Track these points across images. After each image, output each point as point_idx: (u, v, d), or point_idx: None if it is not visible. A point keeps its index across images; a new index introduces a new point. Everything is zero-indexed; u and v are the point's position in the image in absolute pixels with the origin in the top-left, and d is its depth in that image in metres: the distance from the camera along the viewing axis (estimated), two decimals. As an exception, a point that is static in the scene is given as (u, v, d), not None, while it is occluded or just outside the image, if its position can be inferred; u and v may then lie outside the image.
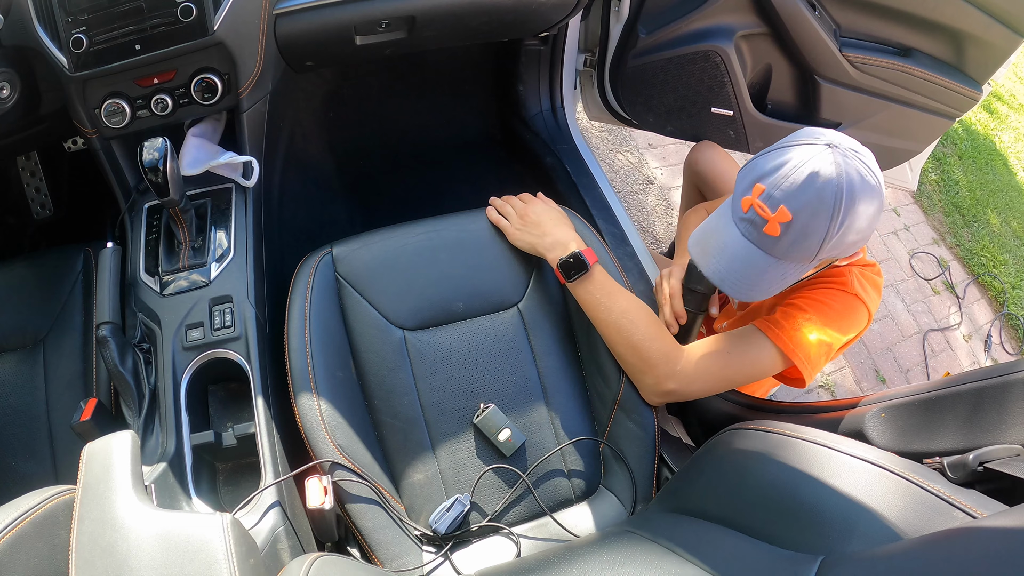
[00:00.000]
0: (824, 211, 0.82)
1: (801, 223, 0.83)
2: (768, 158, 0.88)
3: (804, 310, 1.00)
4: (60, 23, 0.98)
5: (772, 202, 0.84)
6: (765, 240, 0.87)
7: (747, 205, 0.87)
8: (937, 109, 1.57)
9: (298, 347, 1.03)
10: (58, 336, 1.18)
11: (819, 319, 0.99)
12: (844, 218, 0.82)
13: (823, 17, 1.42)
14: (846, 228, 0.83)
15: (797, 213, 0.83)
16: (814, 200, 0.82)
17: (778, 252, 0.87)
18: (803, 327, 0.98)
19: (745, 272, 0.90)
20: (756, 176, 0.87)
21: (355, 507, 0.96)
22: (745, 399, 1.19)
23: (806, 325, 0.98)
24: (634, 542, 0.78)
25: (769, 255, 0.88)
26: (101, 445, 0.72)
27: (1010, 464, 0.66)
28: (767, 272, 0.89)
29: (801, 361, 0.98)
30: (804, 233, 0.84)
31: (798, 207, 0.83)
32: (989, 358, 2.67)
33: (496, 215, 1.22)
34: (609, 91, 1.66)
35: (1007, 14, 1.41)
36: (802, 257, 0.87)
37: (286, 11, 1.15)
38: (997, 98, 3.88)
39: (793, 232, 0.84)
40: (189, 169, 1.14)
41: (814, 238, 0.84)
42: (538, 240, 1.14)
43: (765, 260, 0.89)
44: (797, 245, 0.85)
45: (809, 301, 1.01)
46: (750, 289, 0.91)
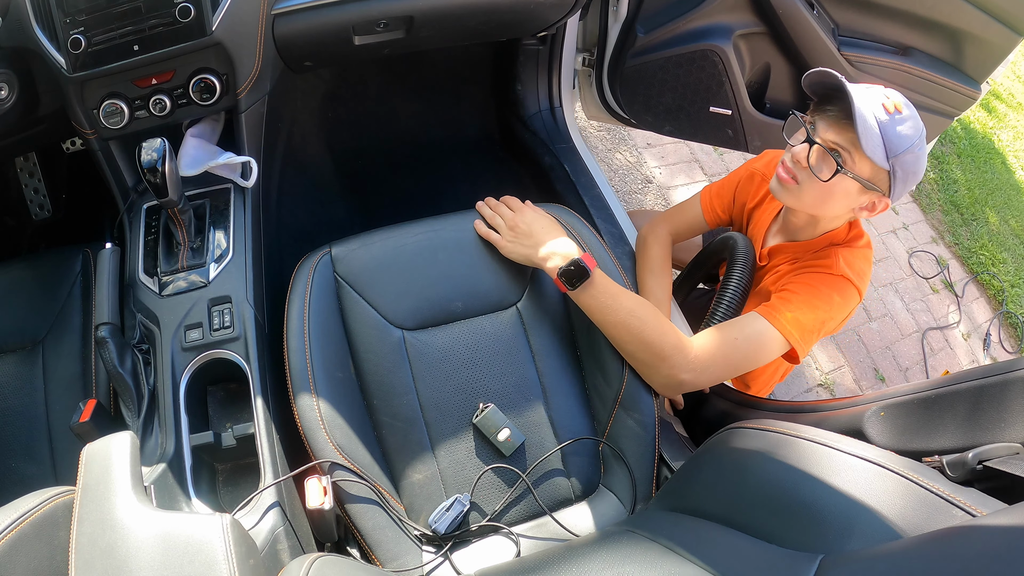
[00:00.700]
0: (916, 130, 0.97)
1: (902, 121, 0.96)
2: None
3: (797, 293, 1.07)
4: (58, 24, 0.98)
5: (894, 96, 0.98)
6: (881, 113, 0.96)
7: (872, 90, 0.98)
8: (936, 108, 1.58)
9: (297, 347, 1.03)
10: (57, 337, 1.18)
11: (810, 300, 1.06)
12: (918, 150, 0.97)
13: (821, 16, 1.42)
14: (915, 159, 0.97)
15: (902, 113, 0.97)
16: (911, 119, 0.97)
17: (885, 130, 0.96)
18: (795, 309, 1.05)
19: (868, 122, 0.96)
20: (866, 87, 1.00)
21: (355, 507, 0.96)
22: (745, 398, 1.19)
23: (798, 307, 1.05)
24: (634, 541, 0.78)
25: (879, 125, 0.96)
26: (100, 446, 0.72)
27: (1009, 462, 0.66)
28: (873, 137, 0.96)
29: (796, 340, 1.04)
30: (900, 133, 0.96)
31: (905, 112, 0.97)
32: (988, 356, 2.67)
33: (485, 229, 1.18)
34: (607, 90, 1.66)
35: (1005, 13, 1.41)
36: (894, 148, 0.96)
37: (284, 11, 1.15)
38: (996, 97, 3.88)
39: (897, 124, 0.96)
40: (188, 170, 1.13)
41: (905, 140, 0.96)
42: (532, 251, 1.11)
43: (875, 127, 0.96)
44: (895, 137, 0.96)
45: (800, 286, 1.08)
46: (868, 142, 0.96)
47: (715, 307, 1.16)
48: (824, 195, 1.03)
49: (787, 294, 1.07)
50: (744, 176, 1.28)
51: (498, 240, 1.16)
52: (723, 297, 1.16)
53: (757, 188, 1.26)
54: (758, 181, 1.26)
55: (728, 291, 1.16)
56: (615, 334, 1.07)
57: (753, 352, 1.05)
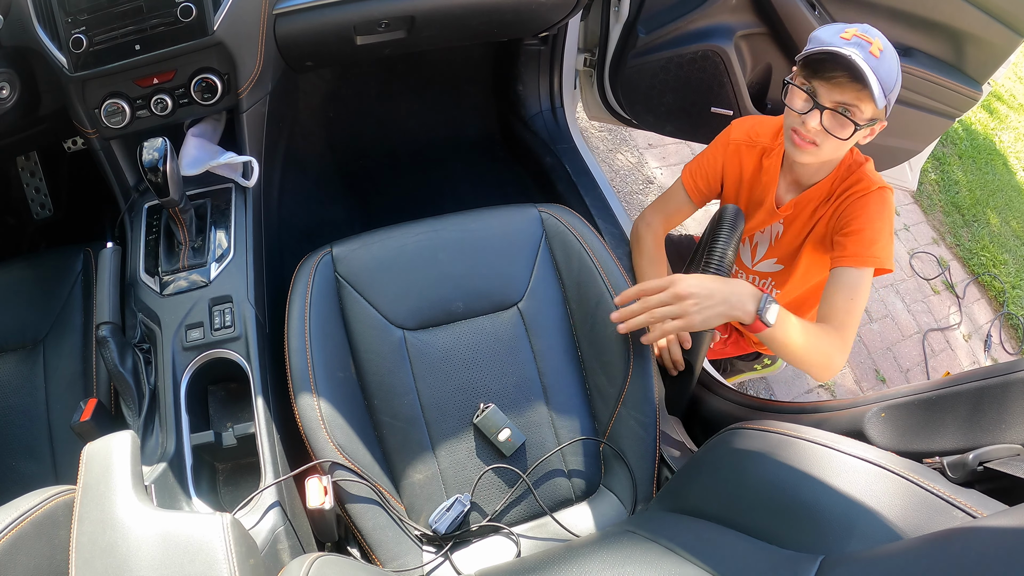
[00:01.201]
0: (895, 60, 1.03)
1: (887, 57, 1.01)
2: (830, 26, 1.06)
3: (861, 227, 1.13)
4: (60, 23, 0.99)
5: (869, 34, 1.02)
6: (871, 59, 1.00)
7: (849, 35, 1.02)
8: (937, 109, 1.57)
9: (298, 347, 1.03)
10: (58, 336, 1.18)
11: (873, 224, 1.13)
12: (899, 73, 1.03)
13: (823, 17, 1.42)
14: (897, 84, 1.04)
15: (884, 50, 1.01)
16: (889, 49, 1.02)
17: (880, 73, 1.00)
18: (871, 241, 1.12)
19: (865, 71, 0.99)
20: (835, 29, 1.04)
21: (355, 507, 0.96)
22: (745, 399, 1.19)
23: (871, 237, 1.12)
24: (634, 542, 0.78)
25: (874, 72, 1.00)
26: (101, 445, 0.72)
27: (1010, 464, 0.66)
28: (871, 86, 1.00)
29: (884, 262, 1.12)
30: (888, 67, 1.01)
31: (884, 47, 1.02)
32: (989, 358, 2.67)
33: (656, 335, 1.05)
34: (609, 91, 1.66)
35: (1007, 14, 1.41)
36: (886, 89, 1.01)
37: (286, 11, 1.15)
38: (997, 98, 3.87)
39: (885, 61, 1.01)
40: (189, 169, 1.14)
41: (893, 75, 1.02)
42: (725, 307, 0.99)
43: (871, 74, 1.00)
44: (885, 74, 1.00)
45: (859, 219, 1.14)
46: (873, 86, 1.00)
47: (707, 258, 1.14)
48: (842, 146, 1.09)
49: (854, 233, 1.13)
50: (729, 151, 1.30)
51: (682, 324, 1.00)
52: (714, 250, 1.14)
53: (745, 157, 1.28)
54: (745, 151, 1.28)
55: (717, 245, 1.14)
56: (799, 354, 1.05)
57: (864, 298, 1.12)
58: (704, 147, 1.38)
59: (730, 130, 1.31)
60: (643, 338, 1.07)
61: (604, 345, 1.13)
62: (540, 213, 1.23)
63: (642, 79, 1.57)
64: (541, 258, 1.20)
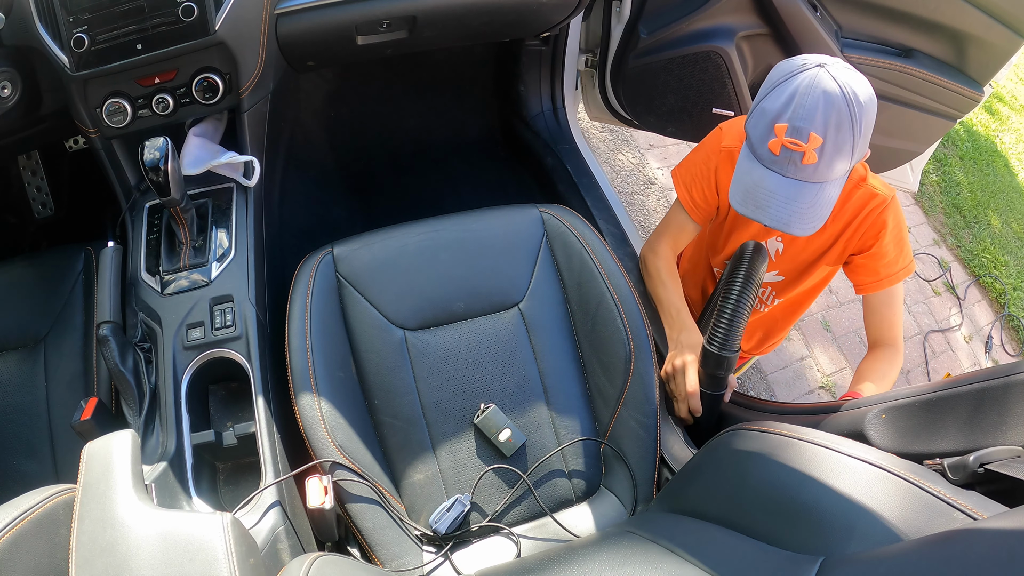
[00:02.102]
0: (846, 121, 0.91)
1: (831, 140, 0.91)
2: (772, 98, 0.95)
3: (887, 251, 1.13)
4: (61, 22, 0.99)
5: (799, 133, 0.91)
6: (805, 170, 0.93)
7: (777, 147, 0.94)
8: (938, 110, 1.57)
9: (298, 347, 1.03)
10: (59, 335, 1.18)
11: (896, 239, 1.13)
12: (860, 121, 0.91)
13: (824, 18, 1.42)
14: (864, 129, 0.93)
15: (826, 133, 0.91)
16: (835, 116, 0.90)
17: (820, 175, 0.94)
18: (898, 258, 1.13)
19: (802, 209, 0.95)
20: (771, 119, 0.94)
21: (355, 507, 0.96)
22: (745, 399, 1.19)
23: (897, 254, 1.13)
24: (634, 542, 0.78)
25: (813, 182, 0.94)
26: (101, 444, 0.72)
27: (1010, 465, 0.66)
28: (819, 198, 0.95)
29: (912, 267, 1.15)
30: (837, 148, 0.92)
31: (823, 128, 0.90)
32: (990, 359, 2.67)
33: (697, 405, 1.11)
34: (610, 91, 1.66)
35: (1008, 15, 1.41)
36: (842, 170, 0.95)
37: (287, 11, 1.15)
38: (998, 99, 3.87)
39: (828, 151, 0.92)
40: (190, 169, 1.14)
41: (846, 148, 0.92)
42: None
43: (812, 189, 0.95)
44: (835, 161, 0.93)
45: (883, 241, 1.12)
46: (812, 220, 0.97)
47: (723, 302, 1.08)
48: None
49: (880, 255, 1.13)
50: (722, 157, 1.19)
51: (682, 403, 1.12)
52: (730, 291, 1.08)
53: None
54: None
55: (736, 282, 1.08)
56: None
57: (902, 304, 1.18)
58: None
59: (720, 135, 1.21)
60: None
61: (605, 346, 1.13)
62: (541, 213, 1.23)
63: (643, 80, 1.56)
64: (542, 258, 1.20)
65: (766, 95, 0.96)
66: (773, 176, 0.95)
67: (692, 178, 1.24)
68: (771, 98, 0.94)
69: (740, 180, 1.00)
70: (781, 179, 0.95)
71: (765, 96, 0.96)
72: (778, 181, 0.95)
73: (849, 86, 0.90)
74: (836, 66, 0.93)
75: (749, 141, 0.99)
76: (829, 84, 0.90)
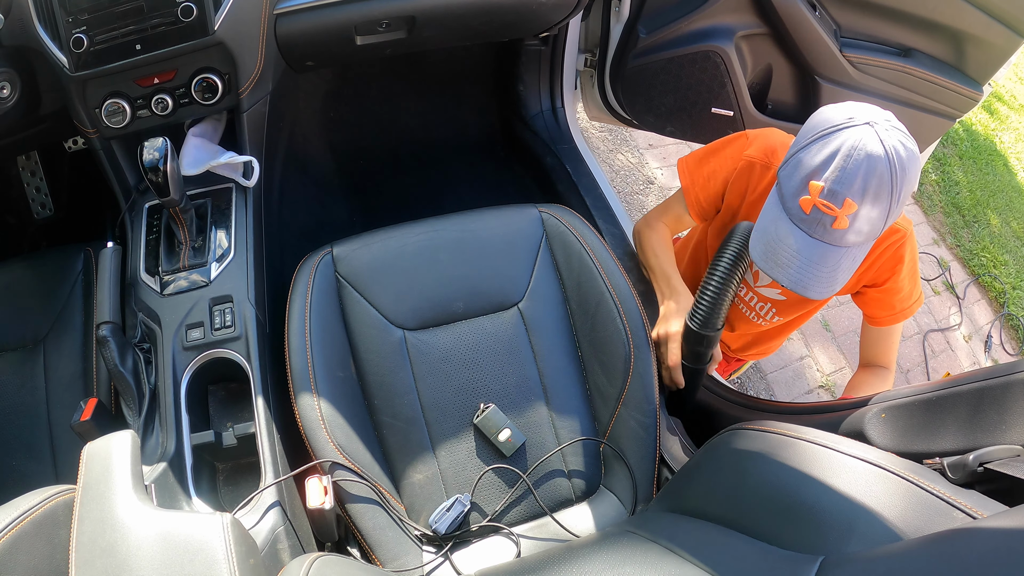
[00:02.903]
0: (885, 189, 0.85)
1: (867, 207, 0.86)
2: (812, 152, 0.88)
3: (901, 287, 1.12)
4: (60, 23, 0.99)
5: (835, 197, 0.86)
6: (835, 235, 0.88)
7: (808, 206, 0.88)
8: (937, 109, 1.57)
9: (298, 347, 1.03)
10: (58, 336, 1.18)
11: (911, 276, 1.12)
12: (901, 189, 0.85)
13: (823, 17, 1.42)
14: (904, 196, 0.87)
15: (863, 200, 0.85)
16: (875, 185, 0.84)
17: (850, 242, 0.89)
18: (910, 293, 1.13)
19: (822, 272, 0.91)
20: (807, 174, 0.88)
21: (355, 507, 0.96)
22: (745, 399, 1.19)
23: (910, 291, 1.13)
24: (634, 542, 0.78)
25: (839, 246, 0.90)
26: (101, 445, 0.72)
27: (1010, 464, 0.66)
28: (842, 262, 0.91)
29: (920, 302, 1.16)
30: (871, 216, 0.86)
31: (862, 194, 0.85)
32: (989, 358, 2.67)
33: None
34: (609, 91, 1.66)
35: (1007, 14, 1.41)
36: (871, 237, 0.90)
37: (286, 11, 1.15)
38: (997, 98, 3.87)
39: (862, 218, 0.86)
40: (189, 169, 1.14)
41: (880, 217, 0.87)
42: None
43: (839, 253, 0.90)
44: (866, 229, 0.88)
45: (898, 277, 1.11)
46: (831, 285, 0.92)
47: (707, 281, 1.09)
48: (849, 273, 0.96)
49: (893, 291, 1.12)
50: (741, 166, 1.15)
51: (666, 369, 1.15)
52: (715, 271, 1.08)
53: (756, 177, 1.14)
54: (758, 170, 1.14)
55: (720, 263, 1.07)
56: None
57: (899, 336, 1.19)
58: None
59: (747, 143, 1.16)
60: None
61: (604, 345, 1.13)
62: (540, 213, 1.23)
63: (643, 79, 1.57)
64: (541, 258, 1.20)
65: (805, 146, 0.90)
66: (799, 234, 0.90)
67: (701, 176, 1.20)
68: (810, 151, 0.88)
69: (764, 230, 0.95)
70: (807, 239, 0.90)
71: (804, 147, 0.90)
72: (804, 241, 0.90)
73: (896, 150, 0.84)
74: (884, 125, 0.86)
75: (780, 190, 0.94)
76: (875, 147, 0.84)
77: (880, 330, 1.18)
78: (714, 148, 1.21)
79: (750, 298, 1.30)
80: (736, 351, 1.54)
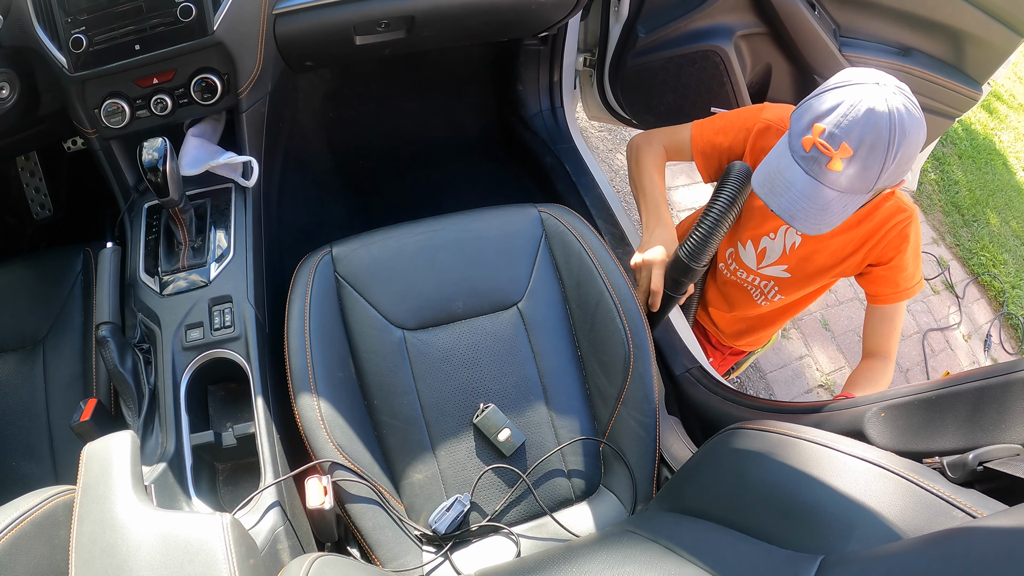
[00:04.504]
0: (881, 144, 0.90)
1: (861, 157, 0.91)
2: (822, 99, 0.95)
3: (906, 265, 1.16)
4: (59, 23, 0.98)
5: (833, 140, 0.92)
6: (828, 175, 0.94)
7: (808, 144, 0.95)
8: (937, 109, 1.58)
9: (298, 347, 1.03)
10: (58, 336, 1.18)
11: (915, 257, 1.17)
12: (898, 149, 0.91)
13: (822, 17, 1.42)
14: (899, 159, 0.92)
15: (858, 148, 0.91)
16: (872, 135, 0.90)
17: (840, 185, 0.95)
18: (913, 273, 1.17)
19: (811, 207, 0.97)
20: (813, 116, 0.95)
21: (355, 507, 0.96)
22: (745, 399, 1.19)
23: (912, 271, 1.17)
24: (634, 542, 0.78)
25: (833, 189, 0.95)
26: (101, 445, 0.72)
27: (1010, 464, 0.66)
28: (831, 205, 0.97)
29: (921, 284, 1.18)
30: (864, 166, 0.92)
31: (858, 143, 0.91)
32: (989, 358, 2.67)
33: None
34: (608, 91, 1.66)
35: (1006, 14, 1.41)
36: (862, 188, 0.95)
37: (285, 11, 1.15)
38: (997, 98, 3.88)
39: (855, 166, 0.92)
40: (189, 169, 1.13)
41: (873, 170, 0.92)
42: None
43: (828, 194, 0.96)
44: (859, 177, 0.93)
45: (902, 256, 1.15)
46: (817, 223, 0.98)
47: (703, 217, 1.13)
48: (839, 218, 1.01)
49: (897, 269, 1.16)
50: (759, 128, 1.20)
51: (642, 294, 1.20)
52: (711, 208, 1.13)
53: (771, 140, 1.16)
54: (772, 134, 1.18)
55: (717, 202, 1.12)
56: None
57: (903, 320, 1.22)
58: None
59: (763, 108, 1.22)
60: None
61: (604, 345, 1.13)
62: (540, 213, 1.23)
63: (642, 79, 1.57)
64: (541, 258, 1.20)
65: (819, 94, 0.97)
66: (797, 170, 0.97)
67: (717, 128, 1.26)
68: (821, 99, 0.96)
69: (769, 162, 1.03)
70: (803, 175, 0.97)
71: (817, 95, 0.97)
72: (799, 176, 0.97)
73: (898, 112, 0.90)
74: (893, 89, 0.92)
75: (790, 131, 1.01)
76: (879, 104, 0.90)
77: (883, 312, 1.20)
78: (730, 112, 1.28)
79: (753, 279, 1.34)
80: (730, 336, 1.54)
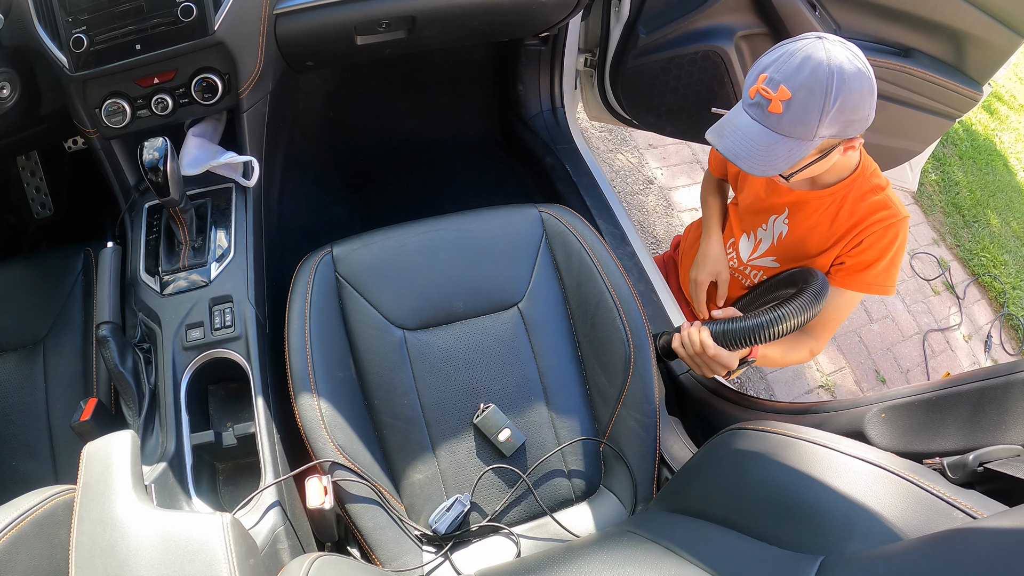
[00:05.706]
0: (819, 89, 0.94)
1: (799, 100, 0.95)
2: (770, 54, 1.02)
3: (875, 259, 1.14)
4: (60, 23, 0.99)
5: (773, 84, 0.97)
6: (770, 118, 0.98)
7: (753, 92, 1.00)
8: (937, 109, 1.57)
9: (298, 347, 1.03)
10: (58, 336, 1.18)
11: (886, 255, 1.14)
12: (836, 96, 0.94)
13: (823, 17, 1.42)
14: (839, 107, 0.95)
15: (796, 91, 0.95)
16: (809, 79, 0.94)
17: (782, 128, 0.98)
18: (880, 270, 1.14)
19: (754, 148, 1.01)
20: (760, 68, 1.01)
21: (355, 507, 0.96)
22: (745, 399, 1.19)
23: (881, 267, 1.14)
24: (634, 542, 0.78)
25: (774, 132, 0.99)
26: (101, 445, 0.72)
27: (1010, 464, 0.66)
28: (774, 148, 1.00)
29: (887, 289, 1.16)
30: (803, 109, 0.95)
31: (796, 86, 0.95)
32: (989, 358, 2.67)
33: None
34: (609, 91, 1.66)
35: (1007, 14, 1.41)
36: (804, 133, 0.98)
37: (286, 11, 1.15)
38: (997, 98, 3.87)
39: (793, 109, 0.96)
40: (189, 169, 1.14)
41: (812, 114, 0.95)
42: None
43: (771, 137, 1.00)
44: (798, 121, 0.97)
45: (875, 249, 1.14)
46: (762, 164, 1.02)
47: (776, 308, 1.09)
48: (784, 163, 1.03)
49: (865, 259, 1.15)
50: None
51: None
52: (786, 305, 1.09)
53: None
54: None
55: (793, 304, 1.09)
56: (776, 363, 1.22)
57: (847, 314, 1.22)
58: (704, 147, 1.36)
59: None
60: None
61: (604, 345, 1.13)
62: (540, 213, 1.23)
63: (642, 79, 1.56)
64: (541, 258, 1.20)
65: (769, 52, 1.03)
66: (743, 115, 1.03)
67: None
68: (769, 54, 1.02)
69: (725, 116, 1.09)
70: (748, 119, 1.02)
71: (767, 52, 1.03)
72: (744, 120, 1.02)
73: (837, 61, 0.94)
74: (834, 42, 0.97)
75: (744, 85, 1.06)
76: (817, 53, 0.95)
77: (832, 292, 1.16)
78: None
79: (743, 268, 1.38)
80: None
